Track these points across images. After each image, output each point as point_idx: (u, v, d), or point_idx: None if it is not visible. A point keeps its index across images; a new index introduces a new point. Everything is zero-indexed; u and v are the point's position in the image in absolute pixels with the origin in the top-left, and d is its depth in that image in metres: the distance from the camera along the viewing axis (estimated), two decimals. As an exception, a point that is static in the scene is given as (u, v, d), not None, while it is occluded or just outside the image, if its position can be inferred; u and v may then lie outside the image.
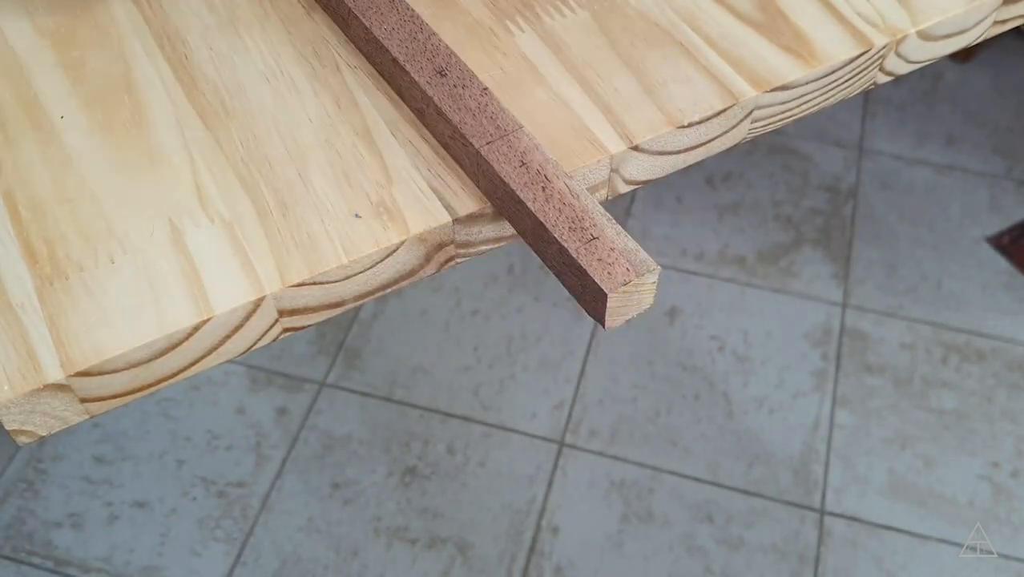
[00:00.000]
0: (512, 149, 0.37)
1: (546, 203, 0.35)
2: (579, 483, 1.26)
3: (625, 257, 0.34)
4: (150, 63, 0.42)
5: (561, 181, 0.36)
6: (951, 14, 0.44)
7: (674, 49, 0.43)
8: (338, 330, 1.41)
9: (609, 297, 0.33)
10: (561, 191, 0.36)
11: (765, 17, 0.44)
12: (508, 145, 0.37)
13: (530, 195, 0.36)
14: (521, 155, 0.37)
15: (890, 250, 1.51)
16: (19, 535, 1.22)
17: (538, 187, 0.36)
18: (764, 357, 1.37)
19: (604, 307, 0.33)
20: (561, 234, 0.34)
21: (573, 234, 0.34)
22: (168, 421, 1.32)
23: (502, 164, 0.36)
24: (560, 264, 0.35)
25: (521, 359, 1.38)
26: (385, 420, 1.32)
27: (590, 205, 0.35)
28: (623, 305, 0.34)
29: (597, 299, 0.34)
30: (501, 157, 0.37)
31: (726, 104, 0.41)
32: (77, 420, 0.34)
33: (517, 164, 0.37)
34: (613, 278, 0.33)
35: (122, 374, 0.33)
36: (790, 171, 1.62)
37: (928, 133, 1.68)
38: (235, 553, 1.21)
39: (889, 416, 1.32)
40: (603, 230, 0.35)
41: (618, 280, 0.33)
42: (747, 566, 1.20)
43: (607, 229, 0.35)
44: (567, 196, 0.35)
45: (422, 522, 1.23)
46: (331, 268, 0.35)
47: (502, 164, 0.36)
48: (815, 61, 0.42)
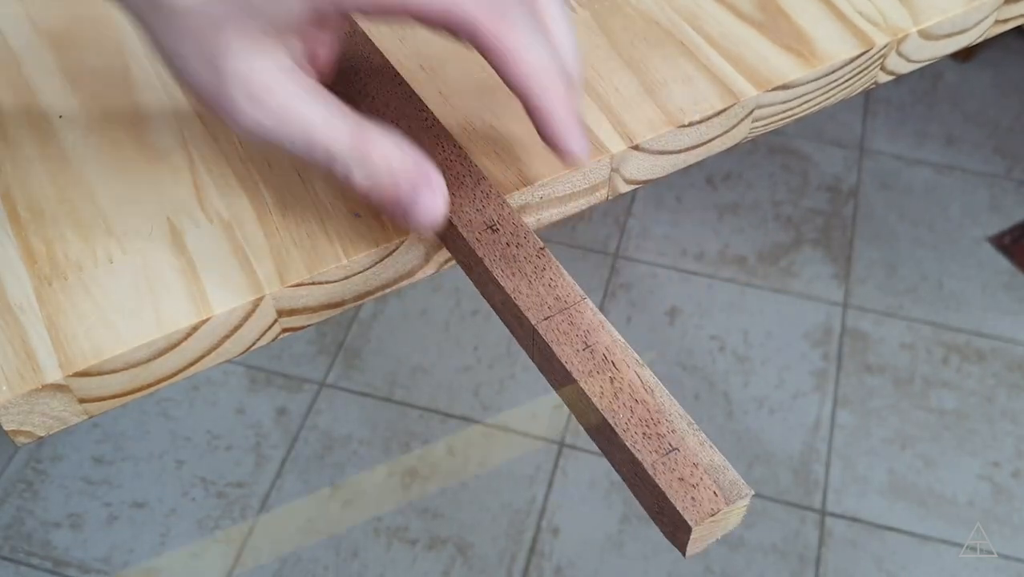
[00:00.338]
0: (574, 327, 0.32)
1: (614, 399, 0.30)
2: (579, 483, 1.26)
3: (711, 477, 0.28)
4: (149, 63, 0.42)
5: (632, 370, 0.31)
6: (952, 13, 0.44)
7: (675, 48, 0.43)
8: (338, 330, 1.41)
9: (693, 529, 0.27)
10: (632, 383, 0.30)
11: (766, 16, 0.44)
12: (569, 321, 0.32)
13: (596, 388, 0.30)
14: (584, 335, 0.32)
15: (890, 250, 1.51)
16: (18, 535, 1.21)
17: (605, 377, 0.30)
18: (764, 357, 1.37)
19: (686, 537, 0.28)
20: (633, 441, 0.29)
21: (648, 442, 0.29)
22: (167, 421, 1.32)
23: (562, 345, 0.31)
24: (631, 473, 0.30)
25: (521, 359, 1.38)
26: (385, 420, 1.32)
27: (667, 403, 0.30)
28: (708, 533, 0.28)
29: (677, 526, 0.28)
30: (561, 336, 0.31)
31: (727, 103, 0.41)
32: (76, 420, 0.34)
33: (580, 346, 0.31)
34: (698, 506, 0.28)
35: (121, 374, 0.33)
36: (790, 171, 1.62)
37: (928, 133, 1.68)
38: (234, 553, 1.20)
39: (889, 416, 1.32)
40: (684, 438, 0.29)
41: (704, 509, 0.27)
42: (747, 566, 1.20)
43: (688, 437, 0.29)
44: (639, 391, 0.30)
45: (422, 522, 1.23)
46: (330, 268, 0.35)
47: (562, 345, 0.31)
48: (816, 60, 0.42)
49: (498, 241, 0.33)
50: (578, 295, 0.32)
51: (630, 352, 0.31)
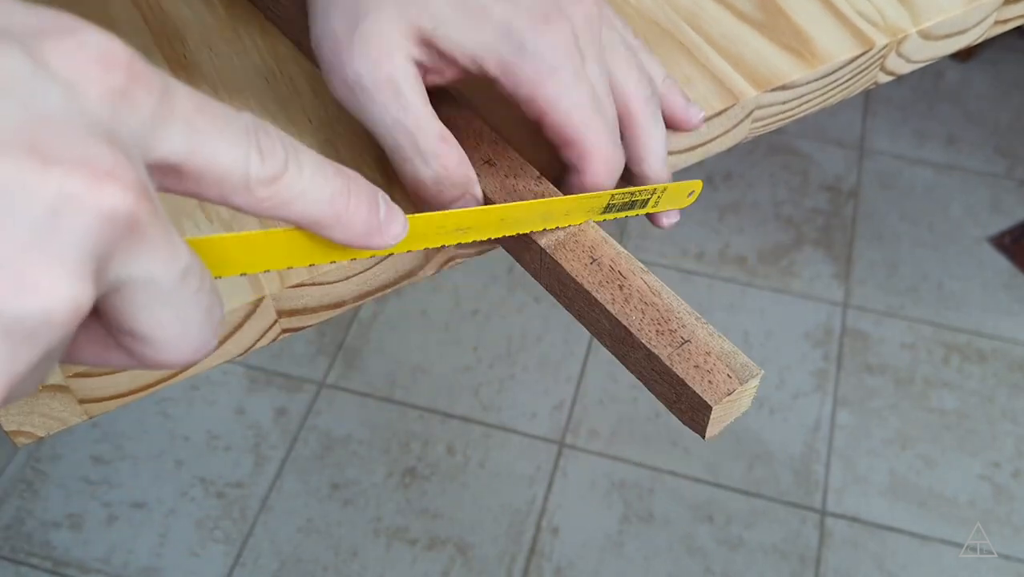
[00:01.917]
0: (579, 244, 0.34)
1: (626, 304, 0.32)
2: (579, 483, 1.26)
3: (724, 362, 0.30)
4: (149, 63, 0.42)
5: (639, 277, 0.32)
6: (952, 14, 0.44)
7: (674, 48, 0.43)
8: (338, 330, 1.41)
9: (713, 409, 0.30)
10: (640, 289, 0.32)
11: (766, 16, 0.44)
12: (575, 240, 0.34)
13: (607, 296, 0.32)
14: (590, 250, 0.33)
15: (891, 250, 1.51)
16: (18, 535, 1.21)
17: (615, 286, 0.32)
18: (765, 357, 1.37)
19: (706, 419, 0.30)
20: (648, 338, 0.31)
21: (661, 338, 0.31)
22: (167, 421, 1.32)
23: (571, 261, 0.33)
24: (648, 371, 0.32)
25: (521, 359, 1.38)
26: (385, 420, 1.32)
27: (674, 302, 0.32)
28: (725, 414, 0.30)
29: (697, 410, 0.30)
30: (569, 254, 0.33)
31: (726, 104, 0.41)
32: (76, 421, 0.34)
33: (587, 261, 0.33)
34: (715, 388, 0.30)
35: (120, 375, 0.33)
36: (791, 171, 1.62)
37: (929, 133, 1.68)
38: (234, 554, 1.20)
39: (890, 416, 1.32)
40: (694, 331, 0.31)
41: (721, 390, 0.30)
42: (747, 566, 1.20)
43: (698, 329, 0.31)
44: (648, 294, 0.32)
45: (422, 523, 1.23)
46: (330, 269, 0.35)
47: (571, 261, 0.33)
48: (816, 61, 0.42)
49: (496, 173, 0.35)
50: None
51: (635, 261, 0.33)
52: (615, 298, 0.32)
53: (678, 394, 0.31)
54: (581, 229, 0.34)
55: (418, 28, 0.32)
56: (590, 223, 0.34)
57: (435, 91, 0.35)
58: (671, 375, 0.30)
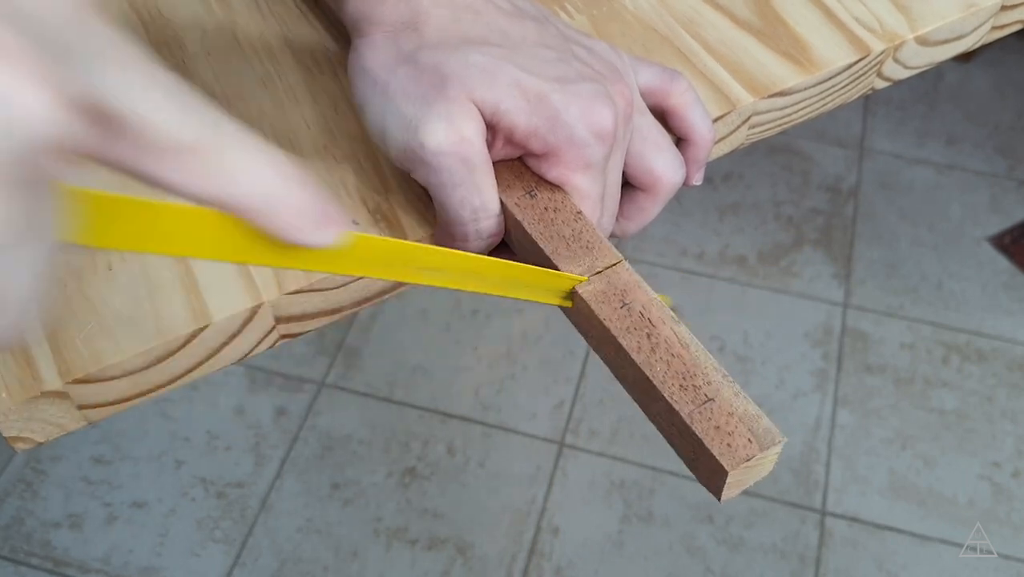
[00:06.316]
0: (611, 286, 0.33)
1: (652, 353, 0.31)
2: (579, 483, 1.26)
3: (746, 425, 0.29)
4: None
5: (668, 327, 0.32)
6: (949, 19, 0.44)
7: (672, 55, 0.43)
8: (337, 330, 1.41)
9: (729, 474, 0.29)
10: (668, 339, 0.31)
11: (763, 23, 0.44)
12: (607, 281, 0.33)
13: (633, 343, 0.31)
14: (622, 293, 0.33)
15: (891, 250, 1.51)
16: (18, 535, 1.22)
17: (642, 333, 0.31)
18: (764, 357, 1.37)
19: (723, 482, 0.29)
20: (671, 393, 0.30)
21: (684, 394, 0.30)
22: (167, 421, 1.32)
23: (600, 304, 0.32)
24: (668, 424, 0.31)
25: (521, 359, 1.38)
26: (385, 420, 1.32)
27: (702, 357, 0.31)
28: (743, 479, 0.29)
29: (714, 472, 0.29)
30: (599, 295, 0.32)
31: (723, 110, 0.41)
32: (75, 427, 0.34)
33: (618, 304, 0.32)
34: (734, 452, 0.29)
35: (120, 381, 0.33)
36: (791, 171, 1.62)
37: (929, 132, 1.68)
38: (234, 554, 1.21)
39: (890, 416, 1.32)
40: (719, 389, 0.30)
41: (739, 455, 0.29)
42: (747, 566, 1.20)
43: (724, 388, 0.30)
44: (675, 346, 0.31)
45: (422, 523, 1.23)
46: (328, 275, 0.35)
47: (600, 304, 0.32)
48: (813, 67, 0.42)
49: (536, 206, 0.35)
50: (615, 256, 0.33)
51: (666, 310, 0.32)
52: (641, 347, 0.31)
53: (696, 453, 0.30)
54: (615, 270, 0.33)
55: (485, 108, 0.33)
56: (624, 264, 0.33)
57: None
58: (690, 433, 0.29)
